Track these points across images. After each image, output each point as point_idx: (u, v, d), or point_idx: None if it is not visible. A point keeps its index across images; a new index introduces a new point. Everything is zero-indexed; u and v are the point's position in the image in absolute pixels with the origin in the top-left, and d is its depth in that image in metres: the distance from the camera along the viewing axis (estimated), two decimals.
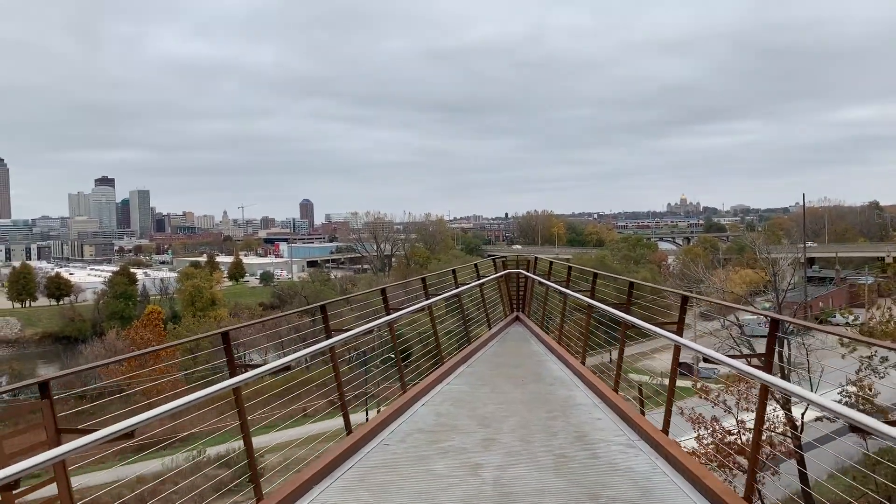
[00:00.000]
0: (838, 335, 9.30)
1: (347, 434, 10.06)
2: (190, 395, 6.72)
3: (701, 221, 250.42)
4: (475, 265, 21.03)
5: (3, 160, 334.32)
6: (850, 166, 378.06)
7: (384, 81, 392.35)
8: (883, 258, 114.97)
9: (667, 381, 10.18)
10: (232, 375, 8.14)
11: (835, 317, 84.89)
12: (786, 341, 24.16)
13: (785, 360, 25.95)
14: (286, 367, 8.56)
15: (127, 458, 37.24)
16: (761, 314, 11.57)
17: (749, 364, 7.72)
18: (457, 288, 17.10)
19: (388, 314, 12.86)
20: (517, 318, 21.43)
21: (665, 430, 9.78)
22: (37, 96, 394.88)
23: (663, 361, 11.95)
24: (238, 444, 6.25)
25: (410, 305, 14.64)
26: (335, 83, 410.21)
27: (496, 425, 10.63)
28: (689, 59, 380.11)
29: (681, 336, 9.75)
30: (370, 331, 12.21)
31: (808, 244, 76.91)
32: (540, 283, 19.15)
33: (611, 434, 10.13)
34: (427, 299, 14.87)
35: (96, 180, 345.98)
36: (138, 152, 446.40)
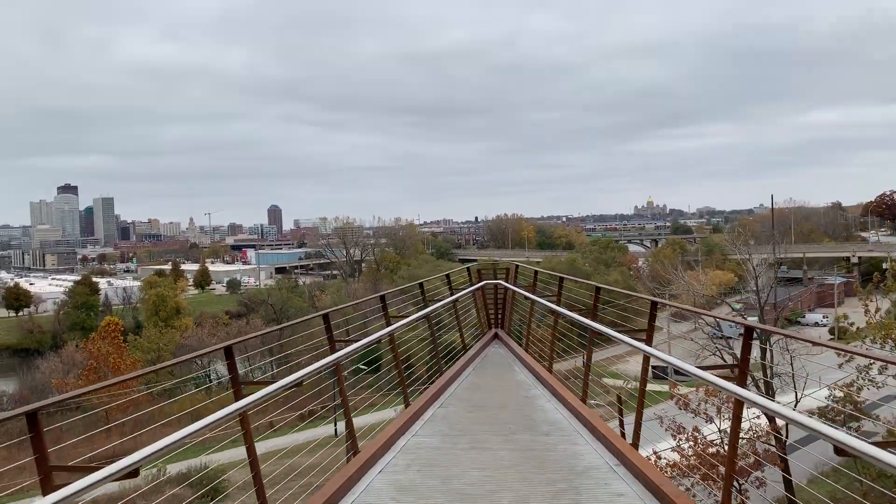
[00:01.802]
0: (830, 346, 8.55)
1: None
2: (196, 423, 5.90)
3: (668, 223, 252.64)
4: (447, 276, 17.60)
5: None
6: (813, 168, 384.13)
7: (356, 85, 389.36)
8: (848, 258, 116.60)
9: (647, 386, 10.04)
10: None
11: (804, 317, 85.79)
12: (768, 347, 23.66)
13: (768, 365, 25.45)
14: (298, 384, 7.99)
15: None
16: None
17: (721, 375, 7.48)
18: (425, 303, 14.48)
19: (387, 324, 12.12)
20: (496, 337, 18.44)
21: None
22: None
23: (637, 364, 10.45)
24: (199, 460, 5.36)
25: (369, 330, 12.45)
26: (306, 87, 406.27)
27: None
28: (661, 63, 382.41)
29: (650, 343, 9.76)
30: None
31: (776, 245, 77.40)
32: (526, 297, 16.10)
33: None
34: (388, 325, 11.87)
35: (59, 188, 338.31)
36: (103, 158, 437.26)
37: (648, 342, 9.77)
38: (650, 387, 10.58)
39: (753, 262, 35.26)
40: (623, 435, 10.28)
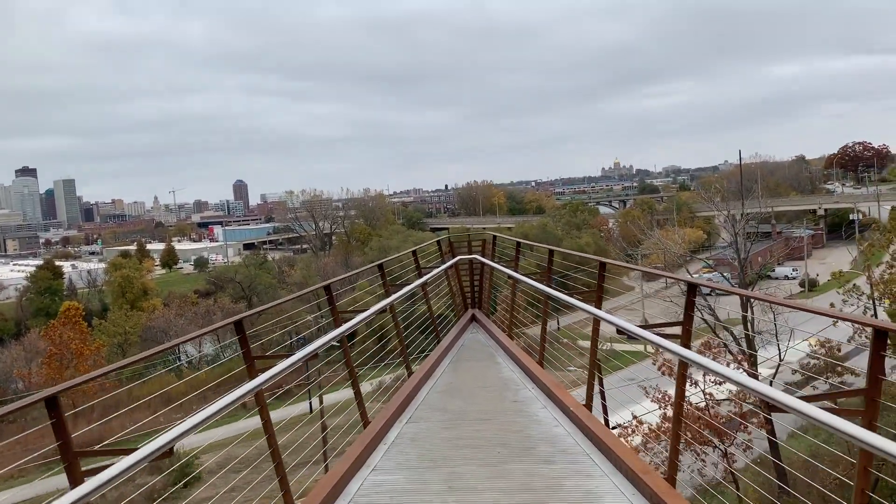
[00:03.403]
0: (799, 308, 8.17)
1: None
2: (215, 403, 5.47)
3: (635, 184, 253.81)
4: (413, 253, 15.12)
5: None
6: (776, 122, 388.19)
7: (320, 52, 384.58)
8: (815, 210, 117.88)
9: (619, 346, 9.62)
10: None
11: (774, 270, 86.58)
12: (749, 304, 23.34)
13: (750, 323, 25.13)
14: (313, 355, 7.49)
15: (50, 469, 34.71)
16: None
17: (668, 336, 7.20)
18: (387, 291, 11.96)
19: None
20: (473, 319, 16.11)
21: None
22: None
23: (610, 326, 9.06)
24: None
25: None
26: (268, 57, 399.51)
27: None
28: (627, 22, 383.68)
29: (599, 305, 9.22)
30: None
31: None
32: (509, 277, 13.54)
33: None
34: (336, 325, 9.19)
35: (17, 171, 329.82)
36: (61, 139, 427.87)
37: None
38: (626, 347, 10.11)
39: (732, 218, 34.90)
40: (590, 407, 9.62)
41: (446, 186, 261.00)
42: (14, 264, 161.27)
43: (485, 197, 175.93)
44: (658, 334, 7.12)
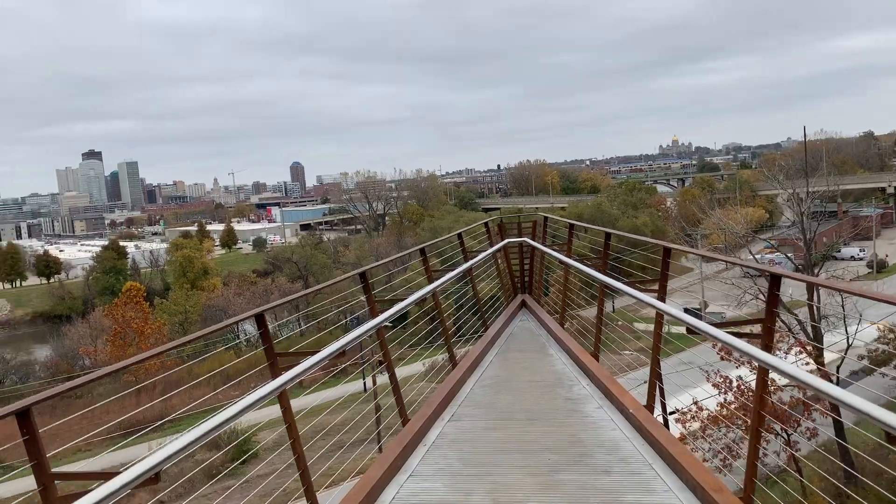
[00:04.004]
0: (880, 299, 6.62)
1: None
2: (240, 401, 4.90)
3: (694, 162, 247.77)
4: (459, 236, 13.92)
5: None
6: (842, 98, 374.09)
7: (374, 35, 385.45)
8: (884, 188, 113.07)
9: (675, 329, 8.55)
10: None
11: (839, 251, 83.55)
12: (815, 289, 22.31)
13: (815, 310, 24.09)
14: (340, 353, 6.57)
15: (114, 445, 35.98)
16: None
17: (741, 335, 5.95)
18: (428, 275, 11.09)
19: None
20: (523, 306, 15.28)
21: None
22: (17, 69, 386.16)
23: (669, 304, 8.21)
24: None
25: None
26: (324, 40, 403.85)
27: None
28: None
29: (663, 295, 8.28)
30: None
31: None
32: (561, 262, 12.72)
33: None
34: (373, 314, 8.44)
35: (83, 154, 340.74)
36: (125, 123, 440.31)
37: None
38: (682, 329, 8.94)
39: (797, 197, 33.41)
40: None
41: (498, 166, 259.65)
42: (81, 244, 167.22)
43: (537, 176, 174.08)
44: (734, 334, 5.90)
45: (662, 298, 8.24)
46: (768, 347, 5.92)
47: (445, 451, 7.76)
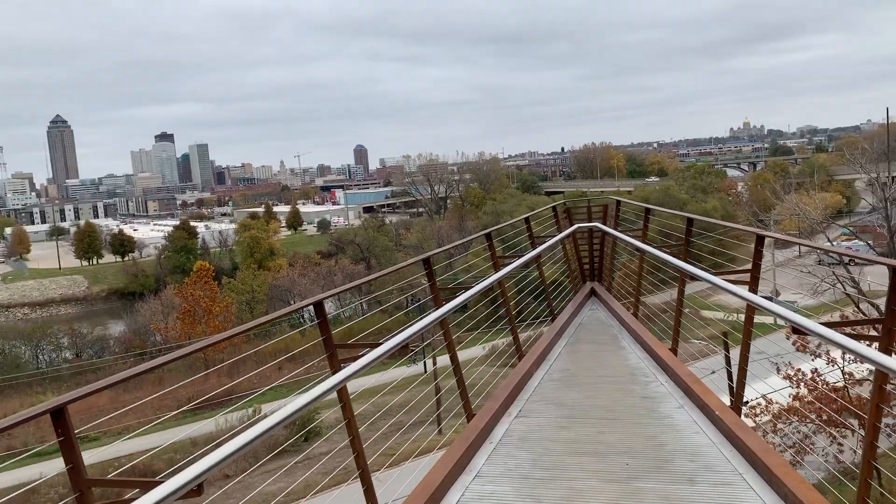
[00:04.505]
0: None
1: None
2: (299, 398, 4.72)
3: (766, 145, 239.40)
4: (526, 220, 13.33)
5: (66, 122, 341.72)
6: None
7: (438, 15, 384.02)
8: None
9: (742, 317, 7.98)
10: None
11: None
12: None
13: None
14: (403, 347, 6.34)
15: (181, 419, 37.18)
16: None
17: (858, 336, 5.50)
18: (494, 261, 10.68)
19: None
20: (592, 294, 14.52)
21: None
22: (93, 54, 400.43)
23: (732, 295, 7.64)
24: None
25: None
26: (389, 21, 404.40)
27: None
28: None
29: (755, 288, 7.68)
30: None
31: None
32: (637, 249, 11.89)
33: None
34: (436, 304, 8.17)
35: (156, 136, 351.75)
36: (196, 106, 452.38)
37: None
38: (759, 318, 8.28)
39: (879, 181, 31.71)
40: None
41: (562, 149, 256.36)
42: (154, 224, 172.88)
43: (603, 159, 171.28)
44: (850, 335, 5.34)
45: (754, 290, 7.66)
46: (888, 351, 5.35)
47: (513, 451, 7.26)
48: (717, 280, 7.67)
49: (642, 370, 9.61)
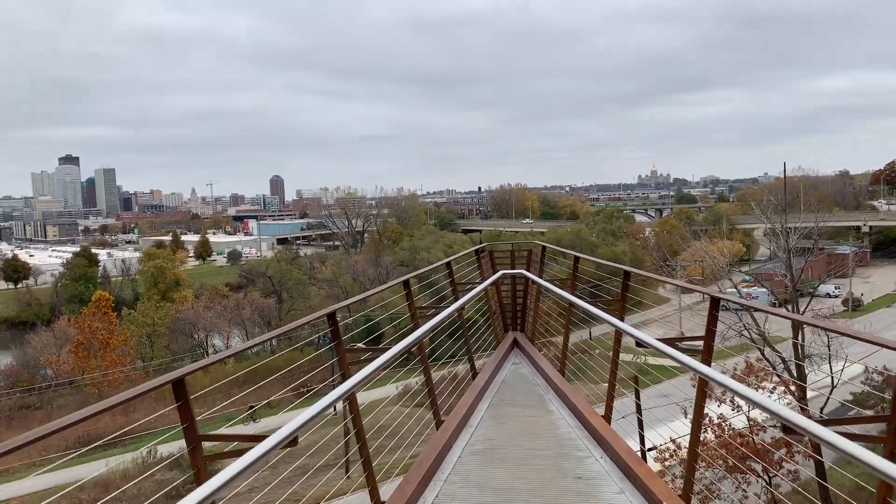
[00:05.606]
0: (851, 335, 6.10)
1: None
2: (305, 412, 4.69)
3: (672, 193, 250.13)
4: (447, 265, 12.51)
5: None
6: (820, 136, 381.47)
7: (364, 53, 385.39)
8: (859, 227, 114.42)
9: (652, 360, 8.84)
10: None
11: (816, 287, 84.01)
12: (800, 329, 22.02)
13: (800, 347, 23.72)
14: (406, 352, 6.92)
15: (66, 459, 34.50)
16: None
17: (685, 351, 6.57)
18: (413, 312, 9.75)
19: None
20: (515, 345, 13.50)
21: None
22: (1, 72, 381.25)
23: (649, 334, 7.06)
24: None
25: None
26: (313, 55, 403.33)
27: None
28: (673, 29, 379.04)
29: (622, 315, 9.15)
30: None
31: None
32: (571, 305, 10.91)
33: None
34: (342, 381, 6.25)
35: (60, 159, 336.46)
36: (105, 129, 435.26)
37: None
38: (660, 360, 9.31)
39: (783, 231, 33.36)
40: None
41: (479, 188, 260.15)
42: (52, 250, 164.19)
43: (518, 200, 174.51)
44: (684, 350, 6.50)
45: (708, 360, 7.11)
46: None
47: None
48: (680, 355, 6.32)
49: (573, 442, 8.55)
